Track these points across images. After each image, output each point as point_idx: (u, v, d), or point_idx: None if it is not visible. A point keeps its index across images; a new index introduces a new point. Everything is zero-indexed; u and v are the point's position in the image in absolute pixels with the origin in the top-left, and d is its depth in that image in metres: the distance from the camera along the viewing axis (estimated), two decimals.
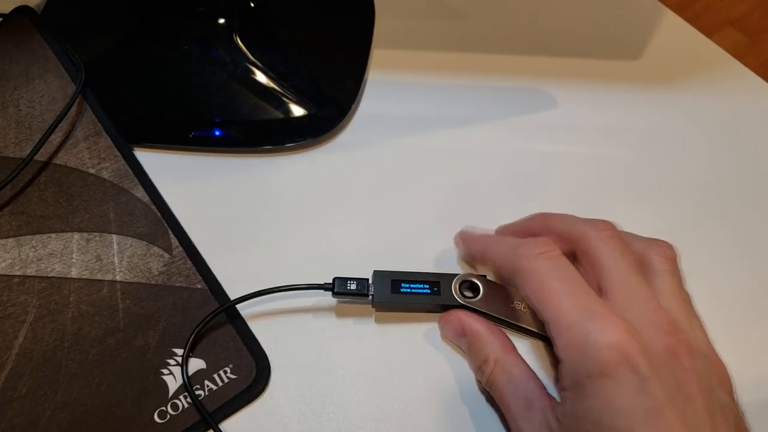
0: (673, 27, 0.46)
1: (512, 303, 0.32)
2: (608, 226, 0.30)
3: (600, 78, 0.43)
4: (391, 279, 0.32)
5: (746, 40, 0.47)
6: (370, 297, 0.32)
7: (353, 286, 0.31)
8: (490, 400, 0.31)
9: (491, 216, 0.37)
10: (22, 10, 0.42)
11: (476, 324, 0.31)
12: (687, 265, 0.35)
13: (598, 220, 0.30)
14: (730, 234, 0.37)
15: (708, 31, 0.46)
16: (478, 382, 0.31)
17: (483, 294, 0.32)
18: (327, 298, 0.33)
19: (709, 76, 0.44)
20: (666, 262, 0.29)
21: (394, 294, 0.32)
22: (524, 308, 0.32)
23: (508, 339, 0.31)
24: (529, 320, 0.31)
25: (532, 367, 0.30)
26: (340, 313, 0.33)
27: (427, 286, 0.32)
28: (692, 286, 0.29)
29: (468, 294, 0.32)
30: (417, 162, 0.39)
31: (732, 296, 0.35)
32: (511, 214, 0.37)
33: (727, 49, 0.45)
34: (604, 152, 0.40)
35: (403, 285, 0.32)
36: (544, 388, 0.28)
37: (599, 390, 0.24)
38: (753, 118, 0.42)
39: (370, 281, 0.32)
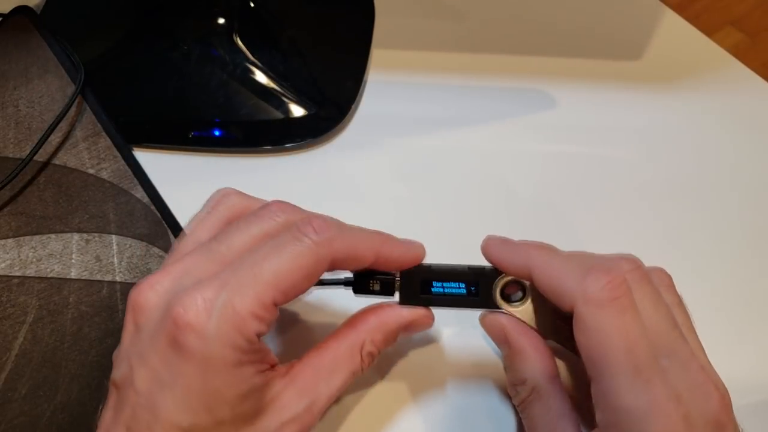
0: (674, 27, 0.46)
1: (558, 318, 0.27)
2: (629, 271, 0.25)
3: (600, 78, 0.43)
4: (421, 279, 0.28)
5: (747, 39, 0.47)
6: (397, 297, 0.28)
7: (377, 287, 0.28)
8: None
9: (491, 216, 0.37)
10: (21, 10, 0.42)
11: (522, 339, 0.27)
12: (687, 265, 0.35)
13: (599, 273, 0.25)
14: (731, 234, 0.37)
15: (708, 31, 0.46)
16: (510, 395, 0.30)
17: (529, 302, 0.28)
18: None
19: (710, 75, 0.44)
20: (670, 291, 0.27)
21: (425, 295, 0.28)
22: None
23: (554, 361, 0.27)
24: (568, 342, 0.27)
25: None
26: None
27: (463, 286, 0.28)
28: (692, 285, 0.29)
29: (512, 298, 0.28)
30: (417, 162, 0.39)
31: (733, 296, 0.35)
32: (511, 215, 0.37)
33: (727, 49, 0.45)
34: (604, 152, 0.40)
35: (434, 284, 0.28)
36: (579, 427, 0.26)
37: None
38: (753, 118, 0.42)
39: (397, 278, 0.28)
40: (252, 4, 0.42)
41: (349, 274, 0.29)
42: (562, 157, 0.40)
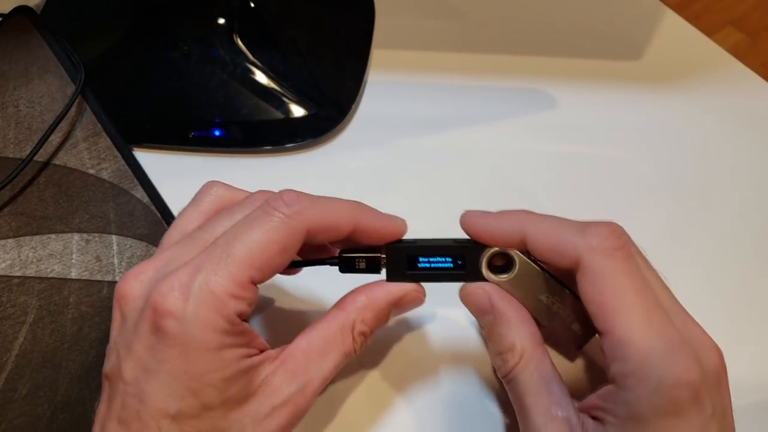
0: (674, 27, 0.46)
1: (541, 294, 0.27)
2: (615, 234, 0.26)
3: (600, 78, 0.43)
4: (407, 255, 0.27)
5: (747, 39, 0.47)
6: (384, 275, 0.28)
7: (363, 265, 0.28)
8: (493, 390, 0.31)
9: None
10: (21, 10, 0.42)
11: (507, 305, 0.27)
12: (687, 265, 0.35)
13: (598, 227, 0.26)
14: (731, 233, 0.37)
15: (708, 31, 0.46)
16: (494, 369, 0.30)
17: (516, 274, 0.27)
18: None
19: (710, 76, 0.44)
20: None
21: (411, 271, 0.27)
22: (555, 307, 0.27)
23: (537, 328, 0.27)
24: (557, 321, 0.27)
25: None
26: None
27: (450, 260, 0.27)
28: (692, 284, 0.29)
29: (498, 269, 0.27)
30: (417, 162, 0.39)
31: (733, 295, 0.35)
32: None
33: (727, 49, 0.45)
34: (604, 152, 0.40)
35: (420, 260, 0.27)
36: (569, 395, 0.25)
37: (668, 429, 0.22)
38: (753, 118, 0.42)
39: (382, 256, 0.28)
40: (252, 4, 0.42)
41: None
42: (562, 157, 0.40)
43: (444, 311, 0.33)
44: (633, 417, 0.23)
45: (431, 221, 0.37)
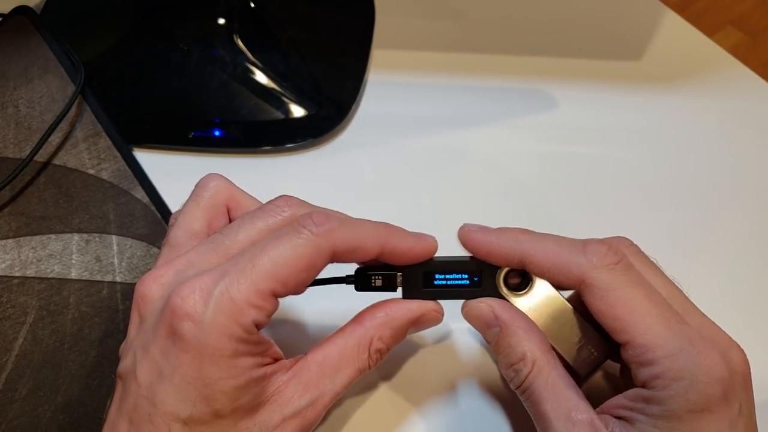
0: (674, 27, 0.46)
1: (553, 316, 0.27)
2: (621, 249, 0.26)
3: (600, 78, 0.43)
4: (423, 272, 0.28)
5: (747, 39, 0.47)
6: (399, 292, 0.28)
7: (379, 282, 0.28)
8: (501, 399, 0.31)
9: (492, 216, 0.37)
10: (21, 10, 0.42)
11: (512, 316, 0.27)
12: (687, 265, 0.35)
13: (596, 245, 0.26)
14: (731, 234, 0.37)
15: (709, 31, 0.46)
16: (503, 380, 0.30)
17: (533, 292, 0.27)
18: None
19: (710, 76, 0.44)
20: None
21: (428, 288, 0.28)
22: (566, 330, 0.27)
23: (544, 335, 0.27)
24: (566, 345, 0.27)
25: None
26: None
27: (466, 277, 0.28)
28: (692, 285, 0.29)
29: (514, 287, 0.27)
30: (417, 162, 0.39)
31: (733, 295, 0.35)
32: (511, 214, 0.37)
33: (727, 49, 0.45)
34: (604, 152, 0.40)
35: (437, 276, 0.28)
36: (582, 393, 0.25)
37: (700, 426, 0.23)
38: (753, 118, 0.42)
39: (399, 273, 0.28)
40: (252, 4, 0.42)
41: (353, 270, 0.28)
42: (561, 157, 0.40)
43: (454, 325, 0.33)
44: (666, 415, 0.23)
45: (431, 221, 0.37)
